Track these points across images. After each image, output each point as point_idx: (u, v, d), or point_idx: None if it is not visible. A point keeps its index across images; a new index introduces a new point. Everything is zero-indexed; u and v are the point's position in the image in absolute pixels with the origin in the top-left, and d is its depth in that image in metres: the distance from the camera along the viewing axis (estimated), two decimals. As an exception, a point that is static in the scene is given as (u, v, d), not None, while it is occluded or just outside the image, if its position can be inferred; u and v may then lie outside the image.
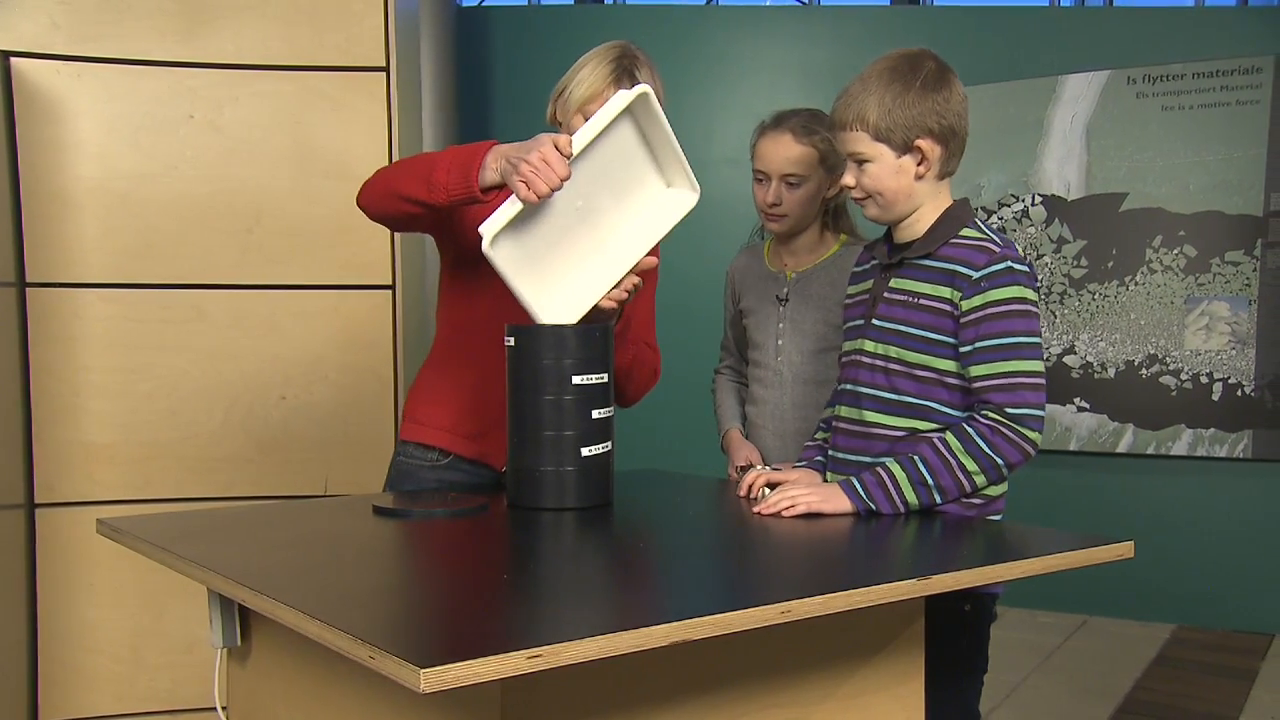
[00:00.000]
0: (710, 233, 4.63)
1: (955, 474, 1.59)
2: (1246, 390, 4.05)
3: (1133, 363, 4.19)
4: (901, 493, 1.61)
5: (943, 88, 1.67)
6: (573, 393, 1.68)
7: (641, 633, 1.03)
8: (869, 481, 1.62)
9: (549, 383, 1.68)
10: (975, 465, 1.59)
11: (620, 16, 5.17)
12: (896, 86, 1.66)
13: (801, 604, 1.12)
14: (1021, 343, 1.61)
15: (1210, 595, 4.10)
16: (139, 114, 2.99)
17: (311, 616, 1.07)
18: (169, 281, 3.02)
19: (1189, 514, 4.14)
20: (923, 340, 1.67)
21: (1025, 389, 1.59)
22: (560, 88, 1.94)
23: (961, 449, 1.59)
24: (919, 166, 1.68)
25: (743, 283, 2.37)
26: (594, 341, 1.71)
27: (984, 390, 1.61)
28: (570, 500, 1.69)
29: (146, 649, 3.04)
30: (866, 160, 1.70)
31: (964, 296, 1.63)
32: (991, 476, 1.61)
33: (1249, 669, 3.70)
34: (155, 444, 3.00)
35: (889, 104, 1.66)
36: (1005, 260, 1.63)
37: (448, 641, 1.03)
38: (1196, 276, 4.11)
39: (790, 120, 2.22)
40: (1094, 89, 4.23)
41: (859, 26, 4.70)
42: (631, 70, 1.88)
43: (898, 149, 1.67)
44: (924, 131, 1.66)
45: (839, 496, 1.61)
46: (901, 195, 1.70)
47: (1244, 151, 4.07)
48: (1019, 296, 1.62)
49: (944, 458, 1.60)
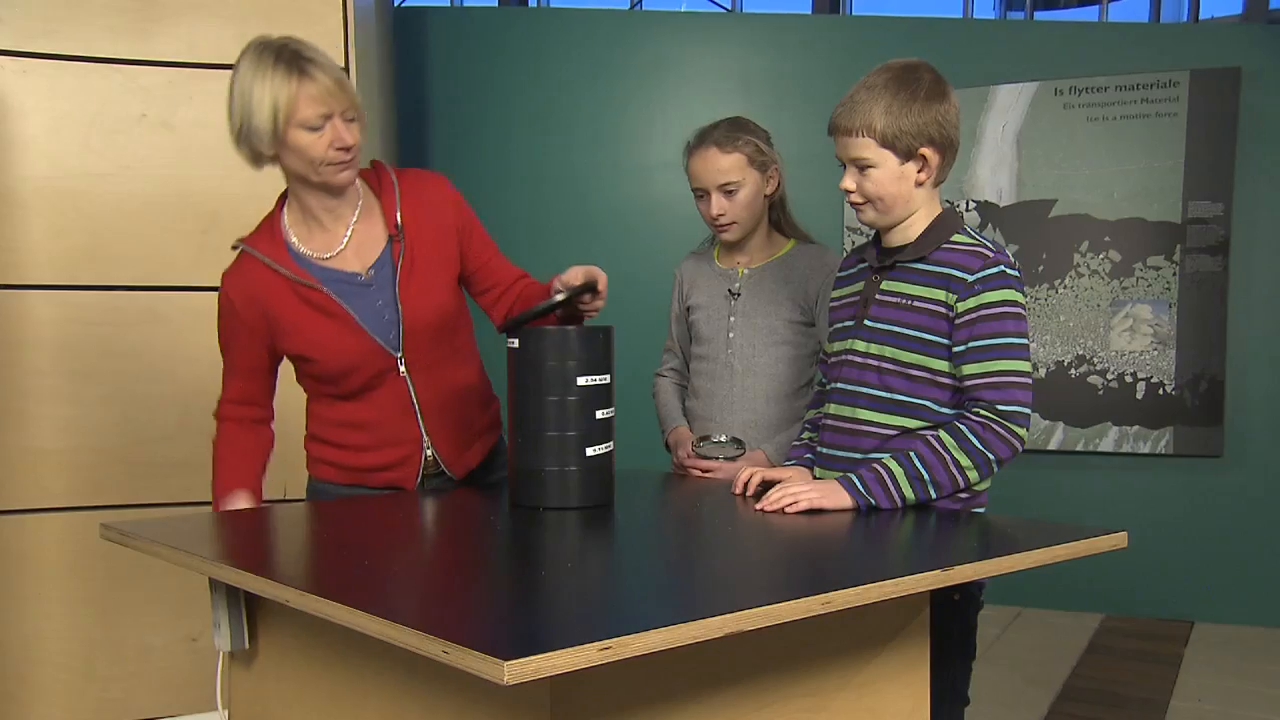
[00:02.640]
0: (652, 235, 4.70)
1: (950, 469, 1.66)
2: (1168, 389, 4.24)
3: (1062, 363, 4.35)
4: (899, 488, 1.67)
5: (943, 98, 1.74)
6: (577, 394, 1.71)
7: (700, 624, 1.06)
8: (868, 478, 1.68)
9: (554, 384, 1.71)
10: (969, 460, 1.66)
11: (547, 19, 5.18)
12: (904, 95, 1.71)
13: (841, 594, 1.17)
14: (1012, 344, 1.68)
15: (1135, 586, 4.29)
16: (88, 112, 2.93)
17: (373, 614, 1.09)
18: (121, 283, 2.97)
19: (1115, 508, 4.32)
20: (917, 341, 1.73)
21: (1015, 388, 1.66)
22: (239, 129, 1.80)
23: (955, 445, 1.66)
24: (920, 173, 1.74)
25: (692, 281, 2.42)
26: (597, 343, 1.74)
27: (976, 388, 1.68)
28: (573, 500, 1.71)
29: (97, 659, 2.98)
30: (870, 166, 1.74)
31: (959, 299, 1.70)
32: (983, 471, 1.68)
33: (1174, 655, 3.88)
34: (107, 449, 2.95)
35: (896, 112, 1.71)
36: (999, 265, 1.70)
37: (520, 635, 1.06)
38: (1121, 280, 4.29)
39: (712, 134, 2.29)
40: (1023, 100, 4.39)
41: (784, 34, 4.79)
42: (297, 62, 1.76)
43: (902, 156, 1.73)
44: (927, 140, 1.72)
45: (839, 492, 1.67)
46: (900, 201, 1.75)
47: (1163, 162, 4.26)
48: (1011, 300, 1.69)
49: (939, 454, 1.67)
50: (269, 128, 1.76)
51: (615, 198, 4.73)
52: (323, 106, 1.77)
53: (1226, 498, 4.26)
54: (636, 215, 4.72)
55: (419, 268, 1.94)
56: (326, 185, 1.86)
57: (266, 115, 1.76)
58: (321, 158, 1.80)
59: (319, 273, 1.90)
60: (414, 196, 1.97)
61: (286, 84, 1.75)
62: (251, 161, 1.87)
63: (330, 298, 1.89)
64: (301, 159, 1.81)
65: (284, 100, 1.75)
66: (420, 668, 1.29)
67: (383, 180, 1.97)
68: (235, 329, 1.93)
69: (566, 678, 1.03)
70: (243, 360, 1.96)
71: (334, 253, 1.93)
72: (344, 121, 1.80)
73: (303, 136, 1.78)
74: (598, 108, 4.72)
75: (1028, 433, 1.68)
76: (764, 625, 1.11)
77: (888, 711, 1.46)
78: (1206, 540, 4.29)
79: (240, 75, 1.79)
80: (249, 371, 1.97)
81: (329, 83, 1.77)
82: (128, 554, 2.93)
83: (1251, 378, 4.25)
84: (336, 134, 1.79)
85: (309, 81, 1.76)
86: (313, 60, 1.77)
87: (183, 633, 3.01)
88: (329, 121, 1.78)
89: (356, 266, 1.93)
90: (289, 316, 1.89)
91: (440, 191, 2.01)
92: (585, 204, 4.73)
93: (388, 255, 1.94)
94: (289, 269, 1.89)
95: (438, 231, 1.97)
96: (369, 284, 1.92)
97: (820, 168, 2.28)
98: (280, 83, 1.75)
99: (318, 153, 1.79)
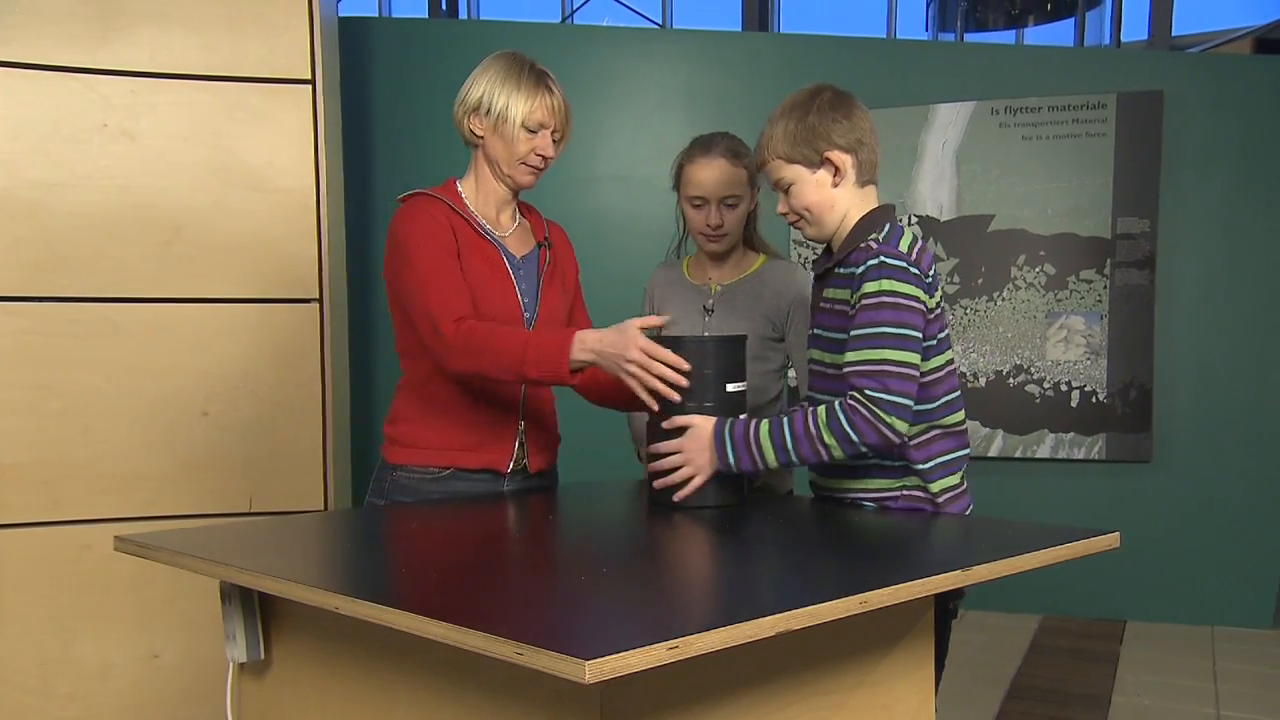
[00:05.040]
0: (604, 246, 4.74)
1: (815, 445, 1.74)
2: (1100, 397, 4.42)
3: (1001, 372, 4.51)
4: (764, 455, 1.76)
5: (841, 106, 1.86)
6: (721, 400, 1.83)
7: (754, 624, 1.12)
8: (739, 444, 1.77)
9: (705, 392, 1.82)
10: (833, 440, 1.73)
11: (484, 31, 5.20)
12: (797, 113, 1.86)
13: (876, 594, 1.23)
14: (887, 333, 1.73)
15: (1070, 587, 4.45)
16: (47, 121, 2.88)
17: (435, 619, 1.11)
18: (80, 294, 2.91)
19: (1051, 512, 4.48)
20: (838, 342, 1.82)
21: (889, 376, 1.72)
22: (475, 103, 2.06)
23: (825, 425, 1.73)
24: (834, 177, 1.85)
25: (663, 296, 2.46)
26: (738, 351, 1.88)
27: (850, 375, 1.74)
28: (710, 500, 1.83)
29: (56, 678, 2.92)
30: (789, 184, 1.87)
31: (853, 293, 1.80)
32: (848, 451, 1.73)
33: (1111, 652, 4.04)
34: (67, 463, 2.89)
35: (793, 128, 1.85)
36: (878, 256, 1.77)
37: (593, 635, 1.09)
38: (1056, 293, 4.46)
39: (718, 144, 2.34)
40: (962, 118, 4.54)
41: (724, 49, 4.89)
42: (545, 79, 2.06)
43: (811, 166, 1.85)
44: (830, 144, 1.83)
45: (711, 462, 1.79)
46: (825, 207, 1.86)
47: (1093, 179, 4.45)
48: (888, 290, 1.75)
49: (808, 430, 1.74)
50: (502, 114, 2.03)
51: (561, 210, 4.74)
52: (548, 118, 2.06)
53: (1155, 501, 4.46)
54: (584, 227, 4.74)
55: (555, 278, 2.18)
56: (513, 180, 2.10)
57: (502, 104, 2.03)
58: (522, 156, 2.06)
59: (490, 236, 2.10)
60: (554, 230, 2.25)
61: (533, 90, 2.04)
62: (460, 131, 2.13)
63: (501, 255, 2.09)
64: (507, 150, 2.06)
65: (524, 99, 2.03)
66: (454, 673, 1.32)
67: (527, 205, 2.24)
68: (436, 229, 2.01)
69: (611, 680, 1.07)
70: (450, 254, 2.01)
71: (501, 233, 2.13)
72: (553, 138, 2.08)
73: (518, 132, 2.04)
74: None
75: (905, 423, 1.72)
76: (810, 624, 1.17)
77: (899, 707, 1.53)
78: (1137, 542, 4.47)
79: (490, 67, 2.08)
80: (457, 271, 2.00)
81: (562, 103, 2.08)
82: (87, 569, 2.90)
83: (1178, 386, 4.45)
84: (544, 143, 2.07)
85: (548, 94, 2.06)
86: (554, 82, 2.09)
87: (144, 649, 2.96)
88: (544, 131, 2.06)
89: (515, 251, 2.13)
90: (468, 251, 2.04)
91: (568, 241, 2.28)
92: (533, 216, 4.75)
93: (535, 256, 2.16)
94: (471, 220, 2.08)
95: (567, 266, 2.24)
96: (520, 268, 2.12)
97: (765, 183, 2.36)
98: (528, 86, 2.04)
99: (521, 150, 2.05)
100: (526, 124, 2.03)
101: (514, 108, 2.03)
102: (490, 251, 2.07)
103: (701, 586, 1.38)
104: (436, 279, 1.97)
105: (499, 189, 2.12)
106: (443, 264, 1.98)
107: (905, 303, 1.74)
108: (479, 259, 2.05)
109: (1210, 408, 4.45)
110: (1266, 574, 4.41)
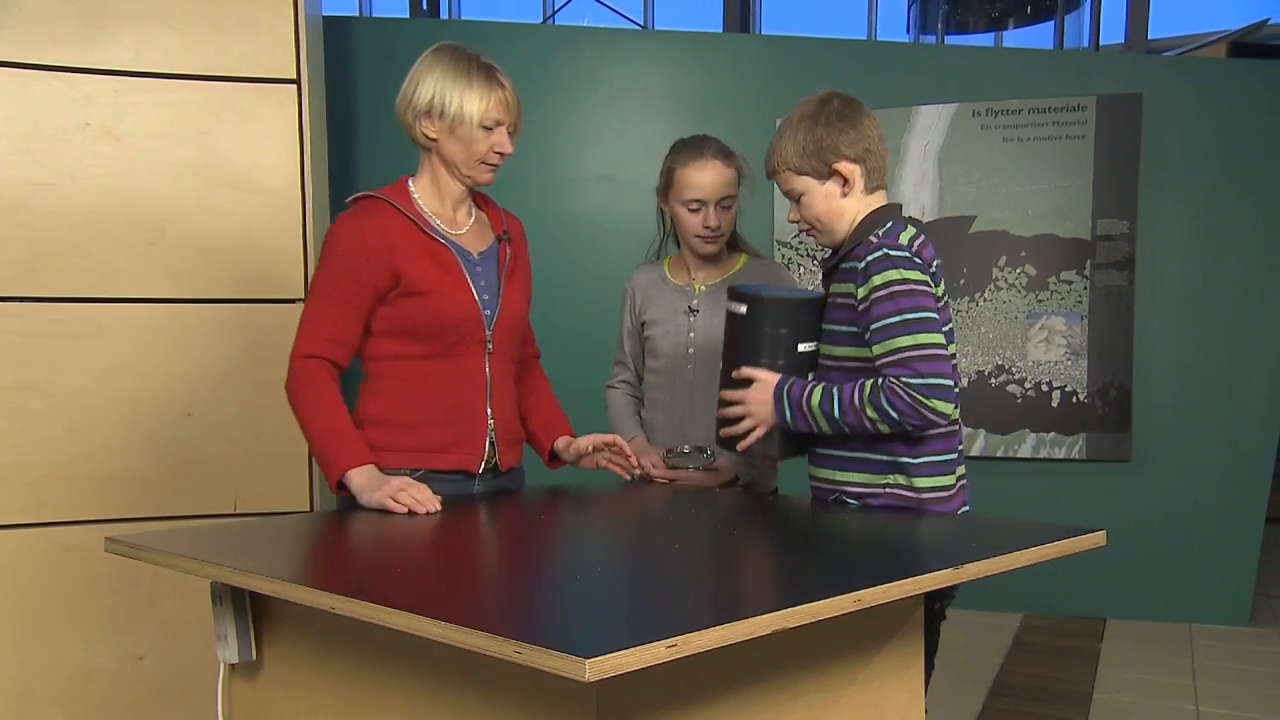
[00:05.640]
0: (590, 247, 4.75)
1: (861, 418, 1.78)
2: (1080, 397, 4.46)
3: (983, 372, 4.54)
4: (815, 420, 1.83)
5: (849, 116, 1.90)
6: (791, 359, 1.90)
7: (750, 622, 1.12)
8: (794, 406, 1.85)
9: (779, 350, 1.90)
10: (876, 415, 1.77)
11: (466, 32, 5.19)
12: (806, 124, 1.90)
13: (870, 593, 1.24)
14: (908, 319, 1.77)
15: (1051, 585, 4.49)
16: (29, 120, 2.86)
17: (433, 619, 1.12)
18: (63, 295, 2.89)
19: (1033, 511, 4.51)
20: (845, 335, 1.88)
21: (920, 360, 1.75)
22: (426, 105, 1.99)
23: (868, 400, 1.77)
24: (843, 187, 1.89)
25: (646, 296, 2.47)
26: (815, 312, 1.93)
27: (884, 367, 1.79)
28: (771, 451, 1.96)
29: (37, 681, 2.90)
30: (800, 194, 1.92)
31: (858, 287, 1.83)
32: (893, 428, 1.77)
33: (1092, 650, 4.08)
34: (49, 464, 2.87)
35: (803, 141, 1.89)
36: (881, 249, 1.82)
37: (592, 634, 1.10)
38: (1036, 294, 4.50)
39: (709, 147, 2.36)
40: (944, 120, 4.57)
41: (708, 51, 4.90)
42: (494, 73, 2.01)
43: (820, 177, 1.89)
44: (838, 156, 1.87)
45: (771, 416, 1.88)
46: (834, 216, 1.91)
47: (1073, 181, 4.49)
48: (897, 279, 1.79)
49: (854, 404, 1.78)
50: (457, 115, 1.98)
51: (546, 210, 4.76)
52: (503, 114, 2.01)
53: (1135, 500, 4.50)
54: (569, 227, 4.76)
55: (517, 271, 2.15)
56: (472, 179, 2.06)
57: (456, 105, 1.97)
58: (481, 156, 2.02)
59: (443, 237, 2.06)
60: (513, 222, 2.21)
61: (485, 86, 1.99)
62: (409, 135, 2.07)
63: (453, 255, 2.04)
64: (464, 150, 2.02)
65: (478, 97, 1.98)
66: (448, 673, 1.32)
67: (484, 197, 2.20)
68: (354, 260, 1.97)
69: (606, 679, 1.08)
70: (353, 294, 1.97)
71: (456, 231, 2.09)
72: (509, 133, 2.04)
73: (476, 132, 1.99)
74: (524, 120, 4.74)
75: (949, 404, 1.76)
76: (805, 622, 1.17)
77: (889, 705, 1.54)
78: (1117, 541, 4.50)
79: (435, 65, 2.01)
80: (355, 309, 1.98)
81: (514, 96, 2.03)
82: (68, 569, 2.89)
83: (1156, 386, 4.49)
84: (501, 139, 2.02)
85: (500, 89, 2.00)
86: (502, 74, 2.03)
87: (127, 651, 2.95)
88: (500, 128, 2.01)
89: (472, 249, 2.10)
90: (413, 257, 2.00)
91: (524, 233, 2.24)
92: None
93: (494, 251, 2.13)
94: (421, 222, 2.04)
95: (524, 254, 2.21)
96: (478, 265, 2.08)
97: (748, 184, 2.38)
98: (479, 83, 1.98)
99: (480, 149, 2.01)
100: (483, 123, 1.99)
101: (469, 107, 1.98)
102: (442, 253, 2.03)
103: (696, 585, 1.39)
104: (317, 307, 1.99)
105: (455, 187, 2.08)
106: (334, 294, 1.97)
107: (916, 288, 1.79)
108: (428, 262, 2.01)
109: (1189, 408, 4.49)
110: (1244, 572, 4.46)
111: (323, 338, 1.98)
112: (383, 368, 2.05)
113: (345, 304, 1.97)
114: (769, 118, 4.91)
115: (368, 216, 2.01)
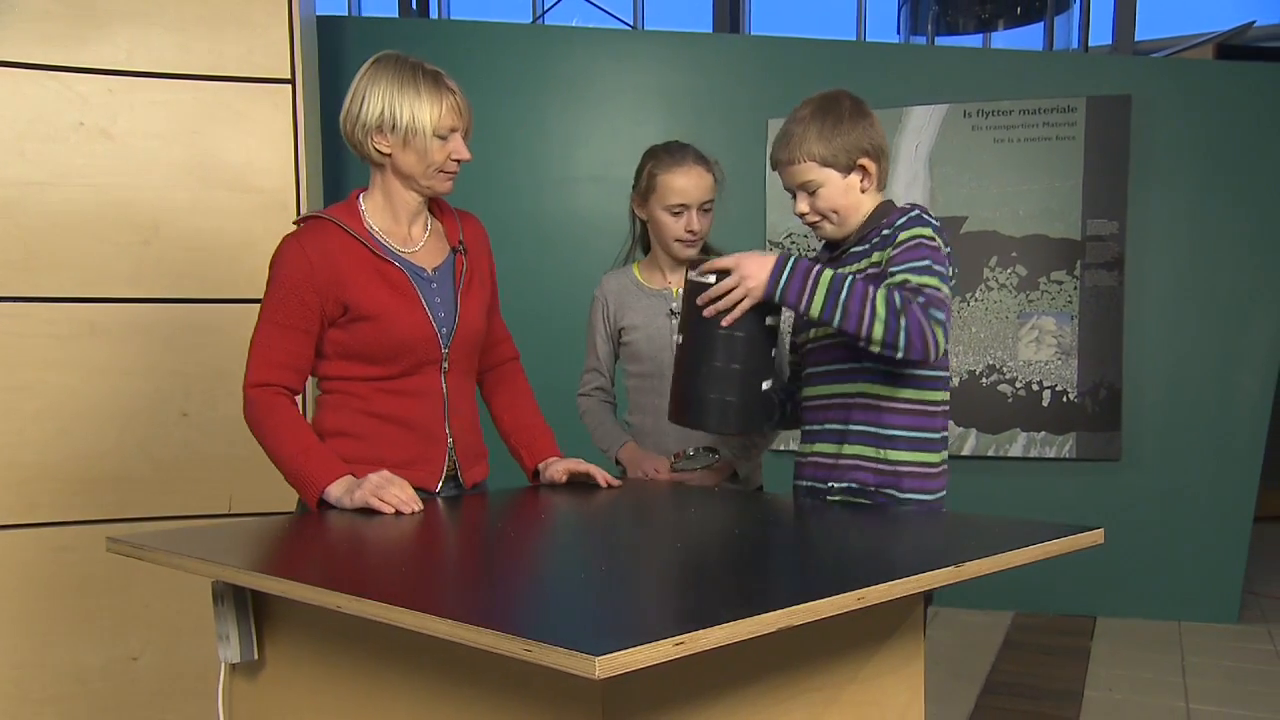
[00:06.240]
0: (579, 247, 4.75)
1: (864, 307, 1.74)
2: (1071, 397, 4.48)
3: (974, 372, 4.56)
4: (816, 291, 1.77)
5: (865, 115, 1.95)
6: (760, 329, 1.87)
7: (756, 620, 1.13)
8: (799, 272, 1.78)
9: (744, 319, 1.85)
10: (884, 311, 1.73)
11: (458, 31, 5.19)
12: (830, 119, 1.93)
13: (873, 590, 1.25)
14: (930, 265, 1.79)
15: (1042, 583, 4.51)
16: (22, 120, 2.86)
17: (441, 617, 1.12)
18: (57, 294, 2.89)
19: (1024, 510, 4.53)
20: None
21: (931, 300, 1.75)
22: (376, 120, 1.93)
23: (883, 297, 1.74)
24: (863, 182, 1.94)
25: (619, 302, 2.47)
26: None
27: (900, 283, 1.78)
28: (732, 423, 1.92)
29: (31, 682, 2.89)
30: (817, 186, 1.94)
31: (888, 248, 1.85)
32: (889, 329, 1.73)
33: (1082, 648, 4.10)
34: (43, 465, 2.86)
35: (828, 134, 1.92)
36: (915, 209, 1.87)
37: (600, 631, 1.11)
38: (1027, 294, 4.52)
39: (689, 152, 2.38)
40: (935, 121, 4.59)
41: (699, 51, 4.91)
42: (441, 79, 1.95)
43: (844, 170, 1.93)
44: (861, 152, 1.92)
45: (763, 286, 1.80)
46: (852, 209, 1.94)
47: (1063, 182, 4.51)
48: (928, 235, 1.82)
49: (867, 292, 1.74)
50: (410, 127, 1.92)
51: (536, 210, 4.77)
52: (456, 120, 1.96)
53: (1124, 499, 4.52)
54: (559, 227, 4.77)
55: (474, 284, 2.10)
56: (431, 189, 2.01)
57: (408, 117, 1.92)
58: (438, 164, 1.97)
59: (394, 257, 2.01)
60: (468, 225, 2.15)
61: (435, 94, 1.93)
62: (359, 152, 2.01)
63: (405, 276, 1.99)
64: (421, 161, 1.96)
65: (429, 105, 1.92)
66: (452, 671, 1.33)
67: (440, 203, 2.13)
68: (300, 284, 1.93)
69: (611, 676, 1.08)
70: (299, 318, 1.93)
71: (409, 249, 2.04)
72: (464, 139, 1.99)
73: (431, 142, 1.94)
74: (514, 121, 4.74)
75: (943, 345, 1.76)
76: (810, 620, 1.18)
77: (889, 703, 1.55)
78: (1107, 539, 4.53)
79: (379, 78, 1.95)
80: (303, 332, 1.95)
81: (464, 103, 1.97)
82: (62, 570, 2.88)
83: (1146, 386, 4.52)
84: (457, 146, 1.97)
85: (450, 94, 1.95)
86: (448, 78, 1.98)
87: (122, 652, 2.94)
88: (454, 135, 1.97)
89: (426, 265, 2.05)
90: (362, 281, 1.95)
91: (483, 232, 2.19)
92: (505, 216, 4.75)
93: (450, 265, 2.08)
94: (370, 243, 1.98)
95: (483, 263, 2.15)
96: (433, 281, 2.04)
97: (742, 183, 2.40)
98: (428, 92, 1.93)
99: (437, 159, 1.96)
100: (438, 131, 1.93)
101: (421, 117, 1.92)
102: (393, 273, 1.97)
103: (700, 584, 1.40)
104: (266, 334, 1.95)
105: (411, 200, 2.02)
106: (280, 320, 1.94)
107: (939, 252, 1.82)
108: (379, 284, 1.96)
109: (1178, 407, 4.52)
110: (1233, 571, 4.49)
111: (273, 364, 1.95)
112: (337, 386, 2.02)
113: (293, 329, 1.94)
114: (759, 118, 4.98)
115: (313, 239, 1.95)
